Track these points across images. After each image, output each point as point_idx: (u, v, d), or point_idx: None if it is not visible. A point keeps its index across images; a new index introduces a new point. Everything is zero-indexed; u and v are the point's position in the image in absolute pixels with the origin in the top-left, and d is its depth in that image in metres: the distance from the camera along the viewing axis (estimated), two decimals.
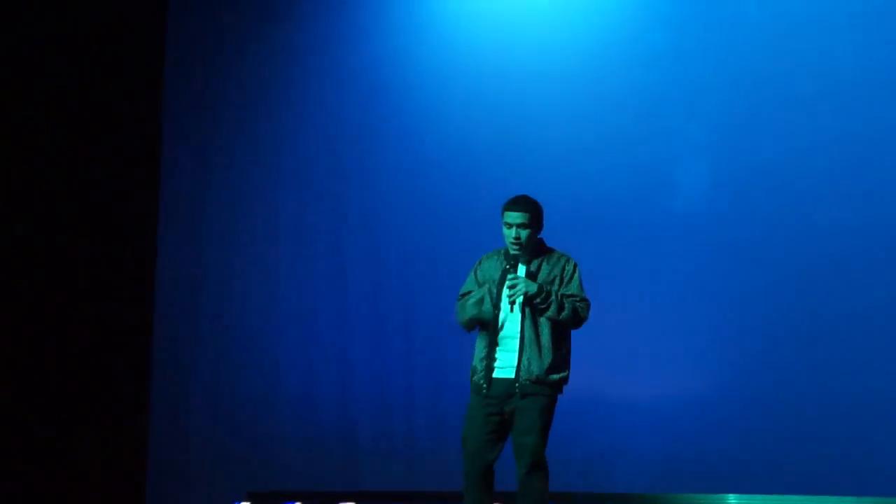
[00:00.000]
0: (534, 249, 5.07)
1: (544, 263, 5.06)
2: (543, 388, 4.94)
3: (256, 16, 8.57)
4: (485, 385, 4.98)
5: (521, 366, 4.96)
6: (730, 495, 6.86)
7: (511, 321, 5.02)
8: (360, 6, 8.34)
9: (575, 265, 5.08)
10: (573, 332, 5.08)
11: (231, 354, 8.33)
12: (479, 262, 5.23)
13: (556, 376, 4.97)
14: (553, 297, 4.93)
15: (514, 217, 5.03)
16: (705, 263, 7.15)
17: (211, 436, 8.26)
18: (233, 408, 8.26)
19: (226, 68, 8.59)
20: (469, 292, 5.14)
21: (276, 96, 8.46)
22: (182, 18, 8.66)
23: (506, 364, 5.00)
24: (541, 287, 4.94)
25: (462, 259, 7.72)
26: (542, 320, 4.97)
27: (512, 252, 5.03)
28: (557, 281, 5.02)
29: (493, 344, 5.03)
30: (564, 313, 4.94)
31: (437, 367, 7.81)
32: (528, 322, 4.98)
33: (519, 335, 4.98)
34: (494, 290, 5.04)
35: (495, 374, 5.00)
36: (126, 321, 8.33)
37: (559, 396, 5.03)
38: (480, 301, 5.05)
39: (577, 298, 4.99)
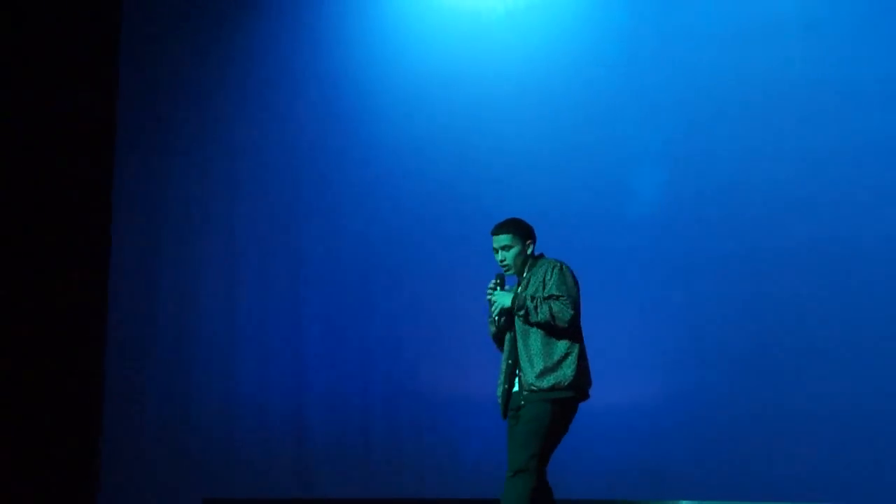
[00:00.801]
0: (525, 265, 5.21)
1: (533, 276, 5.16)
2: (536, 395, 5.00)
3: (212, 18, 8.56)
4: (501, 410, 5.17)
5: (519, 378, 5.08)
6: (683, 501, 6.88)
7: (510, 339, 5.17)
8: (316, 12, 8.34)
9: (555, 266, 5.15)
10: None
11: (186, 361, 8.30)
12: (494, 283, 5.33)
13: (547, 382, 4.99)
14: (528, 301, 4.99)
15: (497, 241, 5.26)
16: (660, 270, 7.19)
17: (166, 443, 8.22)
18: (187, 415, 8.22)
19: (181, 68, 8.58)
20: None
21: (233, 99, 8.46)
22: (137, 19, 8.64)
23: (515, 381, 5.13)
24: (514, 297, 5.05)
25: (417, 265, 7.80)
26: (531, 330, 5.06)
27: (505, 273, 5.23)
28: (540, 286, 5.08)
29: (515, 366, 5.14)
30: (540, 315, 4.98)
31: (392, 375, 7.82)
32: (518, 334, 5.09)
33: (515, 352, 5.11)
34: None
35: (514, 390, 5.12)
36: (80, 327, 8.27)
37: (574, 399, 5.05)
38: (491, 322, 5.26)
39: (554, 297, 5.02)
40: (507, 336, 5.20)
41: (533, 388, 5.00)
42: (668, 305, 7.14)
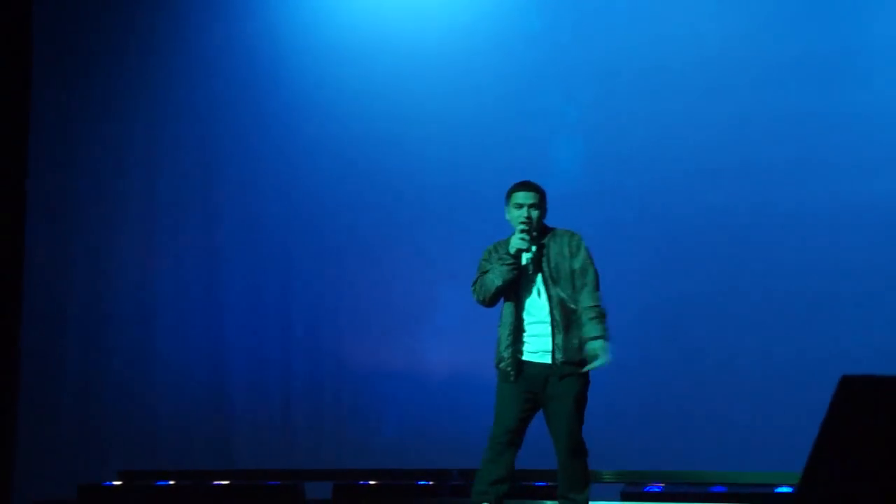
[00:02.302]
0: (540, 231, 5.14)
1: (552, 243, 5.11)
2: (577, 368, 4.99)
3: (127, 4, 8.43)
4: (512, 372, 5.03)
5: (556, 349, 5.00)
6: (604, 471, 6.98)
7: (537, 306, 5.05)
8: None
9: (579, 238, 5.14)
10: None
11: (102, 334, 8.20)
12: (490, 251, 5.23)
13: (583, 354, 5.00)
14: (603, 332, 5.01)
15: (526, 197, 5.13)
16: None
17: (81, 415, 8.12)
18: (104, 387, 8.13)
19: (95, 55, 8.43)
20: (486, 272, 5.16)
21: (149, 83, 8.34)
22: (49, 4, 8.48)
23: (538, 349, 5.04)
24: (601, 346, 4.97)
25: (338, 232, 7.78)
26: (569, 304, 5.02)
27: (520, 230, 5.06)
28: (566, 256, 5.07)
29: (519, 330, 5.06)
30: (602, 321, 5.02)
31: (313, 345, 7.80)
32: (556, 306, 5.02)
33: (549, 319, 5.02)
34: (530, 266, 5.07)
35: (528, 359, 5.04)
36: None
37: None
38: (505, 272, 5.05)
39: (592, 292, 5.05)
40: (529, 303, 5.08)
41: (574, 360, 4.99)
42: None
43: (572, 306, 5.02)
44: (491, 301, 5.15)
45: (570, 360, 5.00)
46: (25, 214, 8.32)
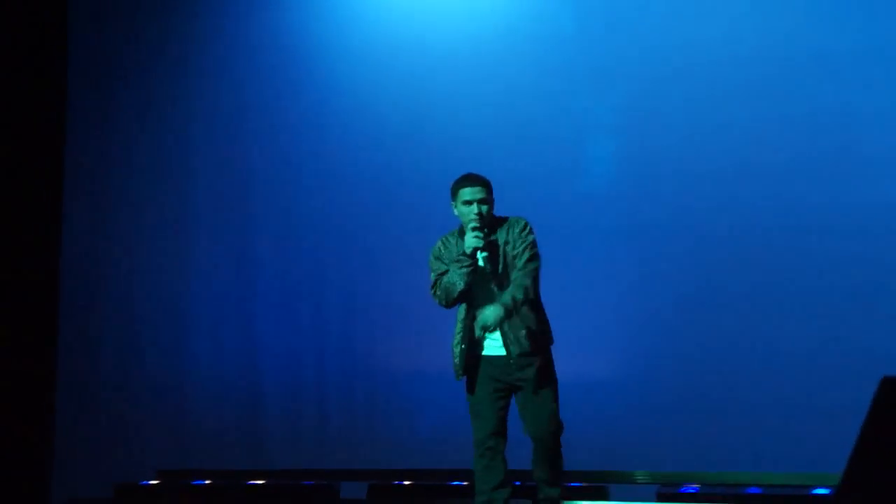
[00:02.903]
0: (492, 224, 5.11)
1: (506, 235, 5.10)
2: (535, 355, 5.04)
3: (162, 6, 8.49)
4: (460, 370, 5.10)
5: (509, 342, 5.03)
6: (637, 471, 6.96)
7: (488, 300, 5.02)
8: None
9: (524, 224, 5.13)
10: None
11: (138, 334, 8.26)
12: (439, 248, 5.23)
13: (542, 339, 5.10)
14: (511, 299, 4.93)
15: (474, 192, 5.08)
16: (615, 243, 7.22)
17: (118, 414, 8.19)
18: (141, 387, 8.19)
19: (130, 57, 8.50)
20: (445, 272, 5.14)
21: (183, 83, 8.39)
22: (85, 9, 8.56)
23: (496, 343, 5.07)
24: (502, 307, 4.92)
25: (373, 235, 7.80)
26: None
27: (472, 228, 5.03)
28: (511, 243, 5.07)
29: (465, 326, 5.10)
30: (522, 294, 4.96)
31: (348, 346, 7.81)
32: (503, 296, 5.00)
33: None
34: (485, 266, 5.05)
35: (487, 353, 5.08)
36: (32, 301, 8.21)
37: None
38: (464, 274, 5.04)
39: (520, 268, 5.02)
40: (480, 299, 5.09)
41: (532, 349, 5.03)
42: (621, 280, 7.17)
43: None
44: (454, 304, 5.16)
45: (525, 351, 5.03)
46: (62, 216, 8.40)
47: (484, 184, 5.12)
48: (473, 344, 5.09)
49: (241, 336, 8.02)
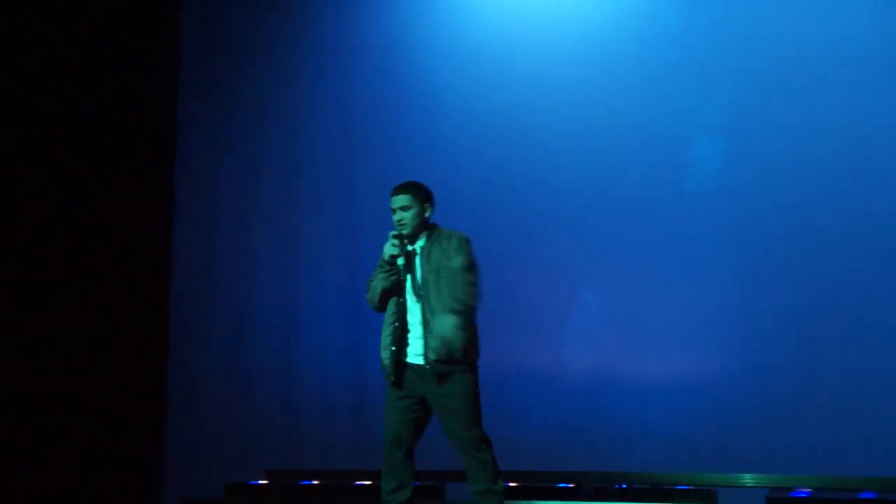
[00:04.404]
0: (422, 229, 5.17)
1: (434, 245, 5.13)
2: (454, 366, 5.01)
3: (269, 7, 8.61)
4: (391, 375, 5.13)
5: (428, 350, 5.03)
6: (745, 475, 6.87)
7: (414, 308, 5.10)
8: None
9: (459, 239, 5.13)
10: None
11: (246, 336, 8.38)
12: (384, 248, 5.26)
13: (469, 348, 5.02)
14: (460, 310, 4.95)
15: (396, 201, 5.19)
16: (717, 244, 7.14)
17: (228, 415, 8.31)
18: (249, 388, 8.31)
19: (238, 55, 8.64)
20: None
21: (290, 83, 8.50)
22: (196, 10, 8.71)
23: (416, 351, 5.10)
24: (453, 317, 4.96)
25: (474, 242, 7.77)
26: (436, 304, 5.01)
27: (391, 236, 5.13)
28: (448, 257, 5.07)
29: (400, 332, 5.12)
30: (458, 306, 4.95)
31: None
32: (427, 306, 5.04)
33: (422, 320, 5.07)
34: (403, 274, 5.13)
35: (409, 361, 5.11)
36: (143, 304, 8.39)
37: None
38: (384, 279, 5.13)
39: (457, 280, 5.00)
40: (410, 306, 5.13)
41: (445, 359, 4.99)
42: (727, 281, 7.09)
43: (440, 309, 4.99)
44: (379, 306, 5.20)
45: (441, 359, 4.98)
46: (173, 219, 8.57)
47: (406, 192, 5.18)
48: (400, 348, 5.11)
49: (348, 338, 8.08)
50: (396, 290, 5.13)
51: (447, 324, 4.93)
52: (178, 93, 8.67)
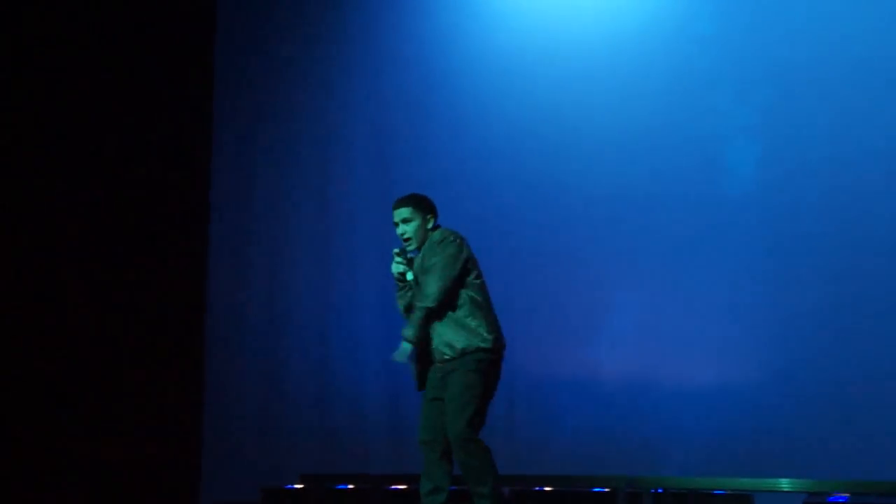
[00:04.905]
0: (425, 240, 5.19)
1: (425, 249, 5.15)
2: (456, 362, 5.02)
3: (305, 10, 8.66)
4: (415, 377, 5.20)
5: (433, 351, 5.09)
6: (782, 479, 6.81)
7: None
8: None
9: (438, 237, 5.11)
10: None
11: (282, 339, 8.43)
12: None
13: (468, 346, 5.02)
14: (413, 325, 5.00)
15: (397, 214, 5.22)
16: (754, 248, 7.09)
17: (264, 420, 8.36)
18: (285, 393, 8.36)
19: (273, 59, 8.70)
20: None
21: (324, 90, 8.55)
22: (231, 11, 8.77)
23: (429, 353, 5.15)
24: (409, 341, 5.02)
25: (508, 246, 7.78)
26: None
27: (394, 253, 5.19)
28: (427, 260, 5.09)
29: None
30: (418, 315, 5.00)
31: None
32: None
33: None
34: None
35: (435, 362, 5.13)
36: (180, 307, 8.45)
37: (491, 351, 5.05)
38: (401, 295, 5.25)
39: (422, 291, 5.03)
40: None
41: (454, 355, 5.02)
42: (763, 284, 7.04)
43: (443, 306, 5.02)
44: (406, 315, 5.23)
45: (442, 359, 5.02)
46: (209, 227, 8.63)
47: (406, 204, 5.20)
48: (420, 352, 5.14)
49: (383, 342, 8.09)
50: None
51: (407, 327, 5.01)
52: (212, 95, 8.73)
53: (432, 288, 4.99)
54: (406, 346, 5.03)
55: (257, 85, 8.75)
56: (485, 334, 5.04)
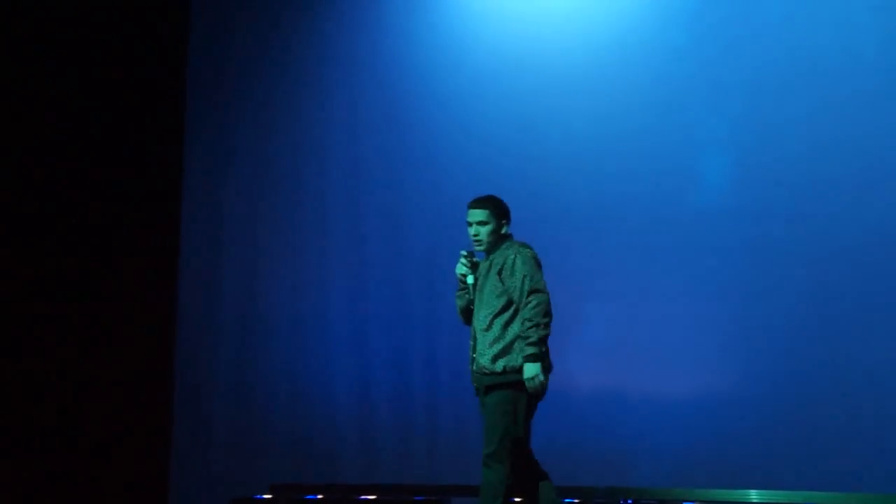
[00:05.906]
0: (497, 245, 5.17)
1: (494, 258, 5.13)
2: (496, 378, 5.02)
3: (276, 13, 8.64)
4: (473, 383, 5.20)
5: (474, 359, 5.11)
6: (751, 491, 6.83)
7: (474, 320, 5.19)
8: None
9: (517, 255, 5.09)
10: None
11: (252, 349, 8.39)
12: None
13: (508, 365, 5.02)
14: (533, 346, 4.96)
15: (473, 215, 5.20)
16: (726, 258, 7.12)
17: (233, 429, 8.31)
18: (255, 402, 8.31)
19: (247, 63, 8.66)
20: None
21: (297, 91, 8.52)
22: (205, 12, 8.74)
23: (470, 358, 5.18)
24: (531, 369, 4.97)
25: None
26: (488, 311, 5.04)
27: (461, 254, 5.22)
28: (506, 272, 5.05)
29: (473, 341, 5.20)
30: (535, 335, 4.96)
31: (458, 361, 7.79)
32: (478, 314, 5.11)
33: (474, 334, 5.16)
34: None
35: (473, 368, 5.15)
36: (149, 316, 8.39)
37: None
38: (460, 296, 5.29)
39: (527, 313, 4.99)
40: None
41: (491, 371, 4.99)
42: (735, 295, 7.06)
43: (488, 320, 5.03)
44: (465, 321, 5.28)
45: (483, 371, 5.03)
46: (180, 229, 8.57)
47: (484, 206, 5.19)
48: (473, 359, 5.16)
49: (353, 353, 8.08)
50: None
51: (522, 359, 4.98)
52: (185, 97, 8.69)
53: (533, 311, 4.98)
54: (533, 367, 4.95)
55: (230, 87, 8.70)
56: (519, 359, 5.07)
